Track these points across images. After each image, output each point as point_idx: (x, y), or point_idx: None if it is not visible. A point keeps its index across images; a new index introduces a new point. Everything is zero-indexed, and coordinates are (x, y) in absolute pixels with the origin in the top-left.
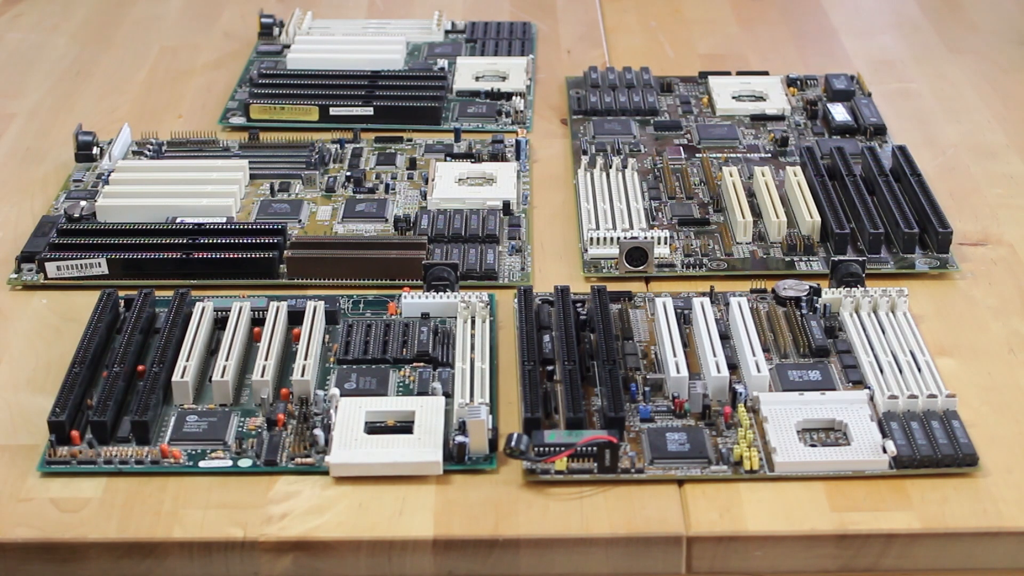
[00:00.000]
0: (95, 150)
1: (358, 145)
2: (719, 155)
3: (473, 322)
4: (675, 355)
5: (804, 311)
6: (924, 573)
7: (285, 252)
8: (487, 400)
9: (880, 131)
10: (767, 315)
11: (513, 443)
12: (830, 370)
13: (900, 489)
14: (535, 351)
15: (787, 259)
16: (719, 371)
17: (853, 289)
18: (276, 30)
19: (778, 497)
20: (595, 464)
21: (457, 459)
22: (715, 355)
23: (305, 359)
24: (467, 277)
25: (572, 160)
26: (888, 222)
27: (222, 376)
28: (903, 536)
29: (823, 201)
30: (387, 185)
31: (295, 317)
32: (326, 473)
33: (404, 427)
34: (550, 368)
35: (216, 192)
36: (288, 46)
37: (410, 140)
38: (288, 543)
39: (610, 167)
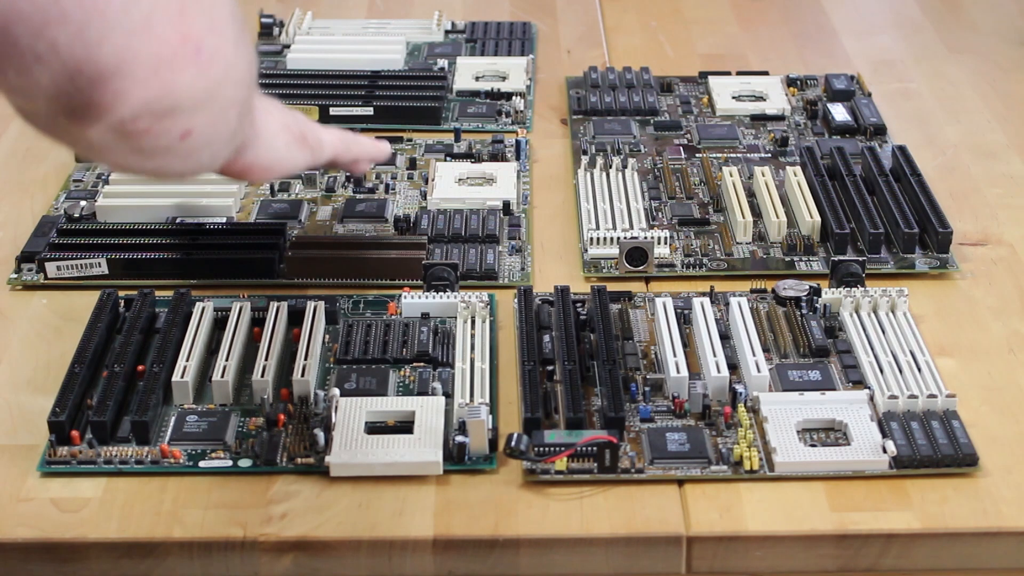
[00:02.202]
0: None
1: None
2: (719, 155)
3: (473, 322)
4: (675, 355)
5: (804, 311)
6: (924, 573)
7: (285, 252)
8: (487, 400)
9: (880, 131)
10: (767, 315)
11: (513, 443)
12: (830, 370)
13: (900, 489)
14: (535, 351)
15: (787, 259)
16: (719, 371)
17: (853, 289)
18: (276, 30)
19: (778, 497)
20: (595, 464)
21: (457, 459)
22: (715, 355)
23: (305, 359)
24: (467, 277)
25: (572, 160)
26: (888, 222)
27: (222, 376)
28: (903, 536)
29: (823, 201)
30: (387, 185)
31: (295, 317)
32: (326, 473)
33: (404, 427)
34: (550, 368)
35: (216, 192)
36: (288, 46)
37: (410, 140)
38: (288, 543)
39: (610, 167)
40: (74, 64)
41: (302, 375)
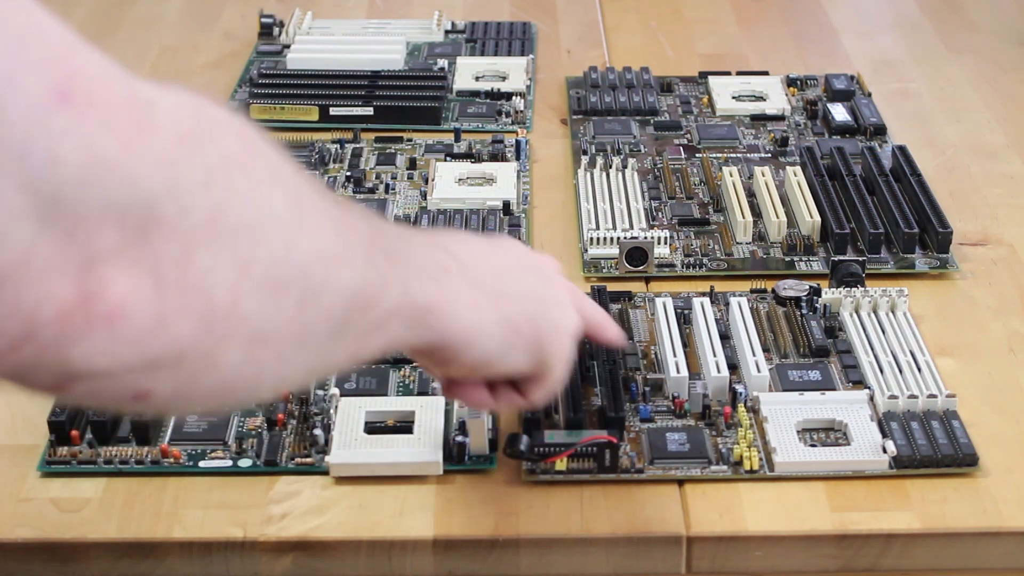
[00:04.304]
0: None
1: (358, 145)
2: (719, 155)
3: None
4: (675, 355)
5: (804, 311)
6: (924, 573)
7: None
8: None
9: (880, 131)
10: (767, 315)
11: (513, 443)
12: (830, 370)
13: (900, 489)
14: None
15: (787, 259)
16: (719, 371)
17: (853, 289)
18: (276, 30)
19: (778, 497)
20: (595, 464)
21: (457, 459)
22: (715, 355)
23: None
24: None
25: (572, 160)
26: (888, 222)
27: None
28: (903, 536)
29: (823, 201)
30: (387, 185)
31: None
32: (326, 473)
33: (404, 427)
34: None
35: None
36: (288, 46)
37: (410, 140)
38: (288, 543)
39: (610, 167)
40: None
41: None
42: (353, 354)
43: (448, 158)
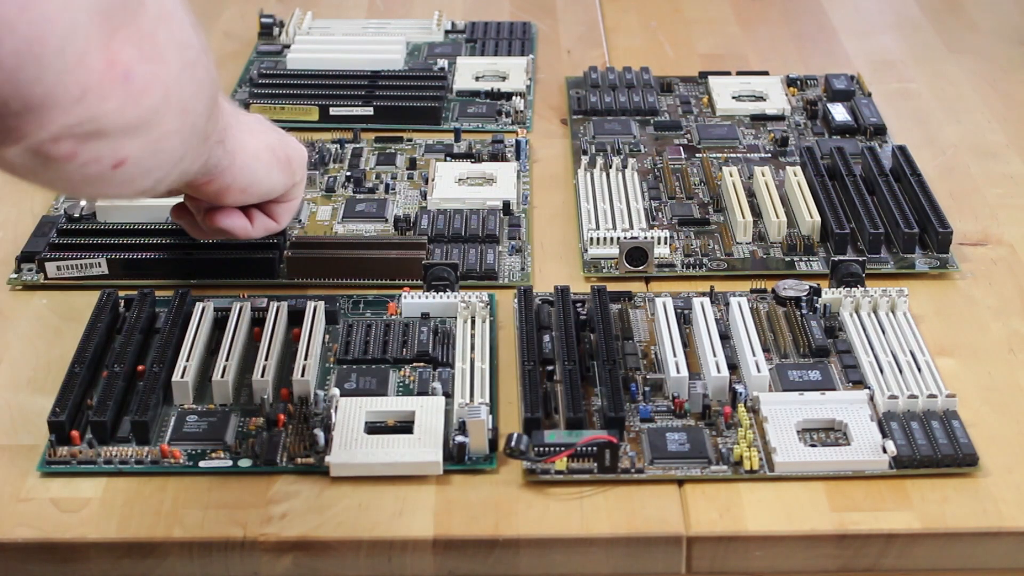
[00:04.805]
0: None
1: (358, 145)
2: (719, 155)
3: (473, 322)
4: (675, 355)
5: (804, 311)
6: (924, 573)
7: (285, 252)
8: (487, 400)
9: (880, 131)
10: (767, 315)
11: (513, 443)
12: (830, 370)
13: (900, 489)
14: (535, 351)
15: (787, 259)
16: (719, 371)
17: (853, 289)
18: (276, 30)
19: (778, 497)
20: (595, 464)
21: (457, 459)
22: (715, 355)
23: (305, 359)
24: (467, 277)
25: (572, 160)
26: (888, 222)
27: (222, 376)
28: (903, 536)
29: (823, 201)
30: (387, 185)
31: (295, 317)
32: (326, 473)
33: (404, 427)
34: (550, 368)
35: None
36: (288, 46)
37: (410, 140)
38: (288, 543)
39: (610, 167)
40: (1, 100)
41: (302, 375)
42: (196, 160)
43: (448, 158)
